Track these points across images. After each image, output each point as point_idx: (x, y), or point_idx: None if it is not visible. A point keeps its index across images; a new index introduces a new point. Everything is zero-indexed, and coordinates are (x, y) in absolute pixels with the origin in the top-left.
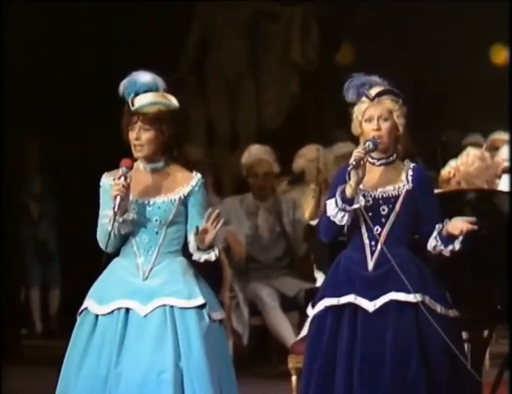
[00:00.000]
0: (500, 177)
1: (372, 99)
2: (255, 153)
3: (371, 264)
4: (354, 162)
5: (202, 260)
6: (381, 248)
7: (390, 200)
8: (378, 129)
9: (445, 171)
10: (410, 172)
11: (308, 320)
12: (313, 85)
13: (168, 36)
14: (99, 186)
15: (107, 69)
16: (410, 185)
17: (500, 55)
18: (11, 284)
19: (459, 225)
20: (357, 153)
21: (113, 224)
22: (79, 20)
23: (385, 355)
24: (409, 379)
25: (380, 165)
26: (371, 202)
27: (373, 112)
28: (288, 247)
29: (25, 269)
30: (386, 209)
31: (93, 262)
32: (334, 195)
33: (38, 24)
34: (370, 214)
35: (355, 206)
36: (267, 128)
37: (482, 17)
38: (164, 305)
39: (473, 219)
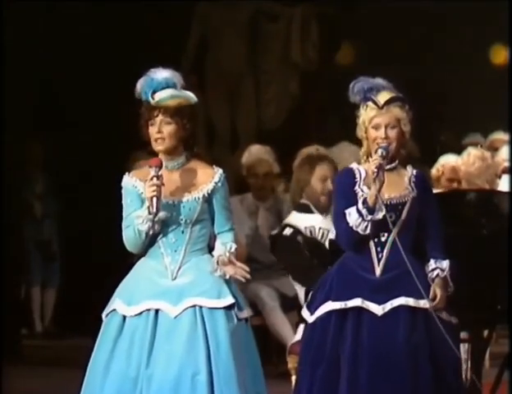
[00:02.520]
0: (500, 177)
1: (381, 108)
2: (255, 153)
3: (378, 270)
4: (375, 170)
5: (217, 274)
6: (388, 254)
7: (397, 207)
8: (386, 137)
9: (433, 170)
10: (413, 179)
11: (304, 323)
12: (313, 85)
13: (168, 36)
14: (100, 187)
15: (108, 69)
16: (415, 192)
17: (500, 55)
18: (13, 283)
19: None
20: (375, 161)
21: (151, 225)
22: (79, 20)
23: (394, 358)
24: (419, 383)
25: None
26: None
27: (381, 120)
28: None
29: (28, 268)
30: (394, 216)
31: (94, 262)
32: (344, 201)
33: (38, 24)
34: (376, 221)
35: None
36: (267, 128)
37: (482, 17)
38: (194, 306)
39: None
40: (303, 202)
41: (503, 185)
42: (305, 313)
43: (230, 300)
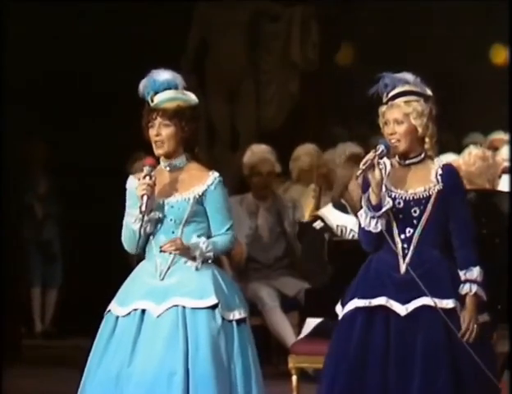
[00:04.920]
0: (500, 177)
1: (386, 103)
2: (258, 152)
3: (403, 267)
4: (362, 167)
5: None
6: (413, 251)
7: (421, 201)
8: (392, 133)
9: None
10: (440, 172)
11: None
12: (313, 85)
13: (168, 36)
14: (101, 188)
15: (108, 69)
16: (441, 184)
17: (500, 55)
18: (13, 283)
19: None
20: (368, 156)
21: (141, 224)
22: (79, 20)
23: (414, 359)
24: (438, 386)
25: (408, 165)
26: (402, 204)
27: (389, 115)
28: (288, 247)
29: (28, 269)
30: (418, 211)
31: (94, 263)
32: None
33: (38, 24)
34: (401, 216)
35: (384, 209)
36: (267, 128)
37: (482, 17)
38: (176, 306)
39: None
40: (341, 201)
41: (503, 185)
42: (339, 308)
43: (213, 301)
